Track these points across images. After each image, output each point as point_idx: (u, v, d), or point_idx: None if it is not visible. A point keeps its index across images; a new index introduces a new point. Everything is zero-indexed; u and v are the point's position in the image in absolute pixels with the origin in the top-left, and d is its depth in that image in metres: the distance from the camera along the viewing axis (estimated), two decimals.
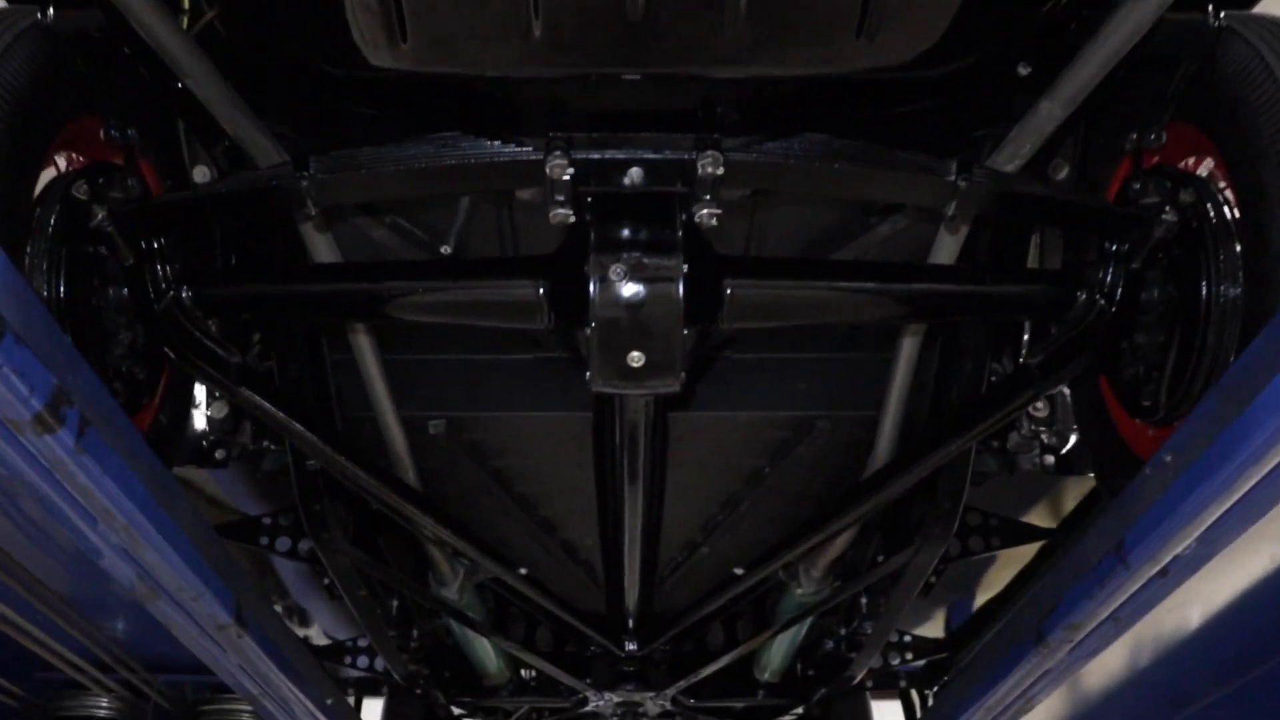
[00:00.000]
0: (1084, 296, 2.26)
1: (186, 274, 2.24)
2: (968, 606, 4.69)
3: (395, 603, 4.01)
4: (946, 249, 2.31)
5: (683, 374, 2.14)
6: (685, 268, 2.04)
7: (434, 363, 2.99)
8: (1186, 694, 4.06)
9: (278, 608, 4.44)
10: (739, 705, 4.72)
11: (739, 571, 3.38)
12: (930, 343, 2.82)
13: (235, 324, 2.60)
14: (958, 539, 3.38)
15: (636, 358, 2.07)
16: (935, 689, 4.68)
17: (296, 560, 3.32)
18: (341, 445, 2.69)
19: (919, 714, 4.66)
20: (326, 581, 3.63)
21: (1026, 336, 2.69)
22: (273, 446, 2.99)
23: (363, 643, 4.29)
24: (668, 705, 4.38)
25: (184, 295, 2.24)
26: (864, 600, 4.01)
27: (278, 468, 2.99)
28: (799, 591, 3.50)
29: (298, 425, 2.50)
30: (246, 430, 2.95)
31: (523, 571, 3.37)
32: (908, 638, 4.32)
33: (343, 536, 3.07)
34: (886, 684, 4.69)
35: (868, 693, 5.56)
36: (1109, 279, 2.20)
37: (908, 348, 2.77)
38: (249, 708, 2.69)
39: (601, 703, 4.35)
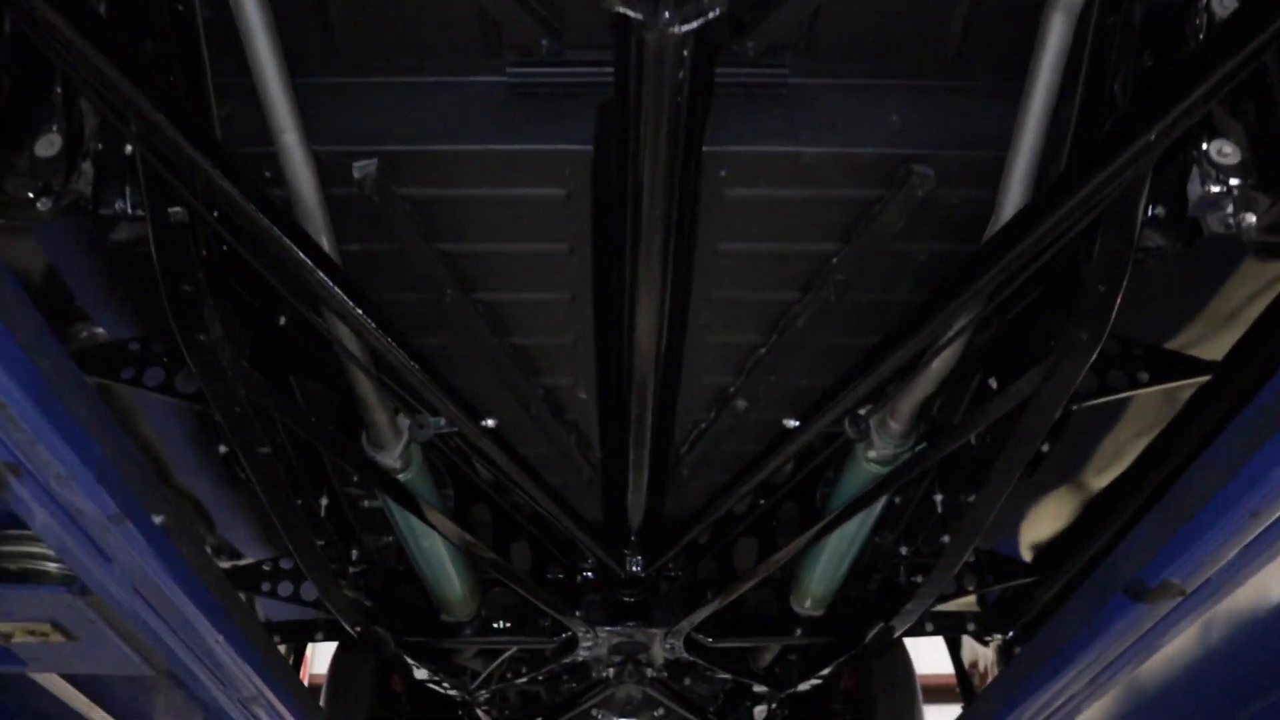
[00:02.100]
0: None
1: None
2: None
3: (324, 501, 3.07)
4: None
5: None
6: None
7: (365, 87, 2.07)
8: (1244, 693, 3.12)
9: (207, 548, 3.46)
10: (771, 646, 3.77)
11: (792, 424, 2.47)
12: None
13: None
14: (1094, 374, 2.46)
15: None
16: (1010, 634, 3.74)
17: (172, 397, 2.36)
18: (217, 155, 1.78)
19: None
20: (224, 450, 2.68)
21: None
22: (129, 209, 2.05)
23: (286, 564, 3.32)
24: (679, 648, 3.44)
25: None
26: (939, 499, 3.10)
27: (133, 237, 2.06)
28: (870, 456, 2.57)
29: (131, 86, 1.58)
30: (86, 175, 2.02)
31: (489, 423, 2.44)
32: (985, 558, 3.38)
33: (226, 344, 2.14)
34: (949, 627, 3.74)
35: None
36: None
37: (1055, 38, 1.89)
38: (49, 549, 1.74)
39: (594, 644, 3.40)
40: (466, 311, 2.33)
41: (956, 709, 4.22)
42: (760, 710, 4.60)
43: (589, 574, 3.33)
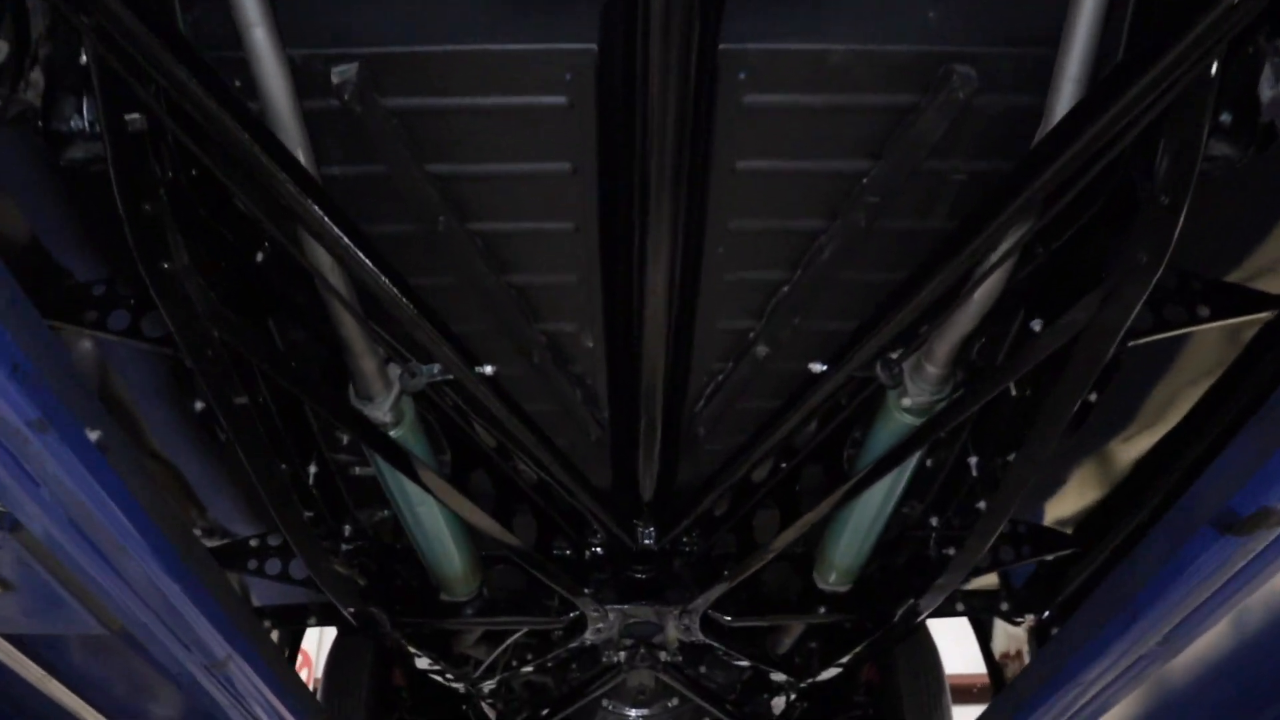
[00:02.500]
0: None
1: None
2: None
3: (313, 470, 2.86)
4: None
5: None
6: None
7: None
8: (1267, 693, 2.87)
9: (196, 531, 3.25)
10: (792, 630, 3.55)
11: (818, 368, 2.26)
12: None
13: None
14: (1149, 309, 2.25)
15: None
16: (1045, 615, 3.52)
17: (137, 340, 2.16)
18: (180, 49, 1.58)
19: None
20: (200, 408, 2.47)
21: None
22: (85, 125, 1.85)
23: (274, 541, 3.11)
24: (694, 628, 3.22)
25: None
26: (974, 461, 2.88)
27: (89, 155, 1.86)
28: (904, 405, 2.35)
29: None
30: (35, 85, 1.82)
31: (487, 370, 2.24)
32: (1022, 528, 3.16)
33: (195, 274, 1.94)
34: (980, 607, 3.51)
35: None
36: None
37: None
38: None
39: (604, 624, 3.18)
40: (461, 244, 2.13)
41: (979, 709, 3.97)
42: (778, 702, 4.37)
43: (598, 548, 3.12)
